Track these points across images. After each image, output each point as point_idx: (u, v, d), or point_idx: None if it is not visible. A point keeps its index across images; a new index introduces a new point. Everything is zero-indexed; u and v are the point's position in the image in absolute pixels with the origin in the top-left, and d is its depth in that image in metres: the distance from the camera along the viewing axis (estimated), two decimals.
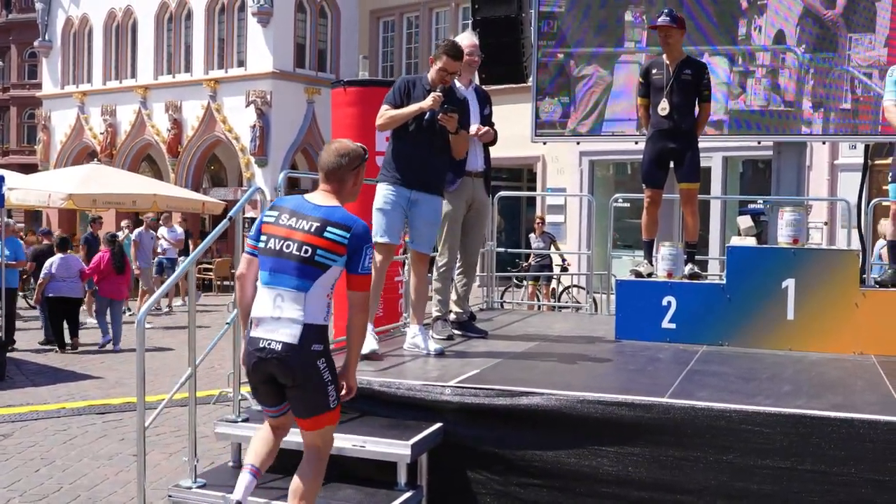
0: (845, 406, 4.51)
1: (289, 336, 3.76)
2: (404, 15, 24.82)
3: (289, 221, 3.88)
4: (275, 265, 3.85)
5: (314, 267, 3.80)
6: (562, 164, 21.30)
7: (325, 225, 3.82)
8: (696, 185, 6.85)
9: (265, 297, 3.87)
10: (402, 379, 5.05)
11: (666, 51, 6.74)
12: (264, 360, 3.80)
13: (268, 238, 3.89)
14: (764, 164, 17.31)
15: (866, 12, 8.27)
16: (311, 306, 3.80)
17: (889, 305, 6.24)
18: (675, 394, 4.71)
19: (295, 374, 3.79)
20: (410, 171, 5.81)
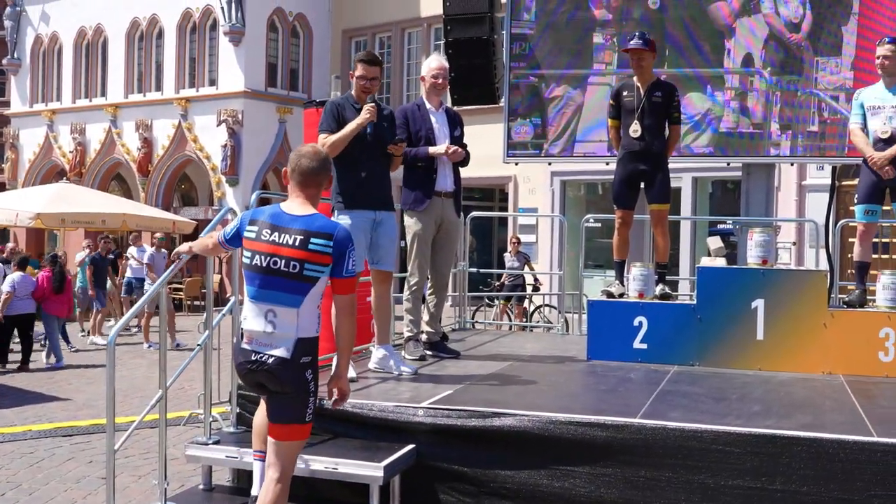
0: (814, 426, 4.55)
1: (282, 351, 3.83)
2: (376, 35, 24.89)
3: (271, 237, 3.88)
4: (263, 282, 3.87)
5: (303, 282, 3.83)
6: (533, 184, 21.39)
7: (308, 237, 3.84)
8: (667, 205, 6.91)
9: (255, 312, 3.89)
10: (375, 400, 5.04)
11: (637, 73, 6.81)
12: (254, 371, 3.87)
13: (252, 255, 3.90)
14: (733, 184, 17.46)
15: (832, 37, 8.41)
16: (303, 320, 3.86)
17: (856, 325, 6.32)
18: (646, 414, 4.73)
19: (284, 384, 3.85)
20: (371, 194, 5.87)
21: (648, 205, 6.92)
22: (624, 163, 6.88)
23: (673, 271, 16.28)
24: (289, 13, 24.99)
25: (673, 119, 6.82)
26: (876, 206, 6.56)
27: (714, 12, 8.65)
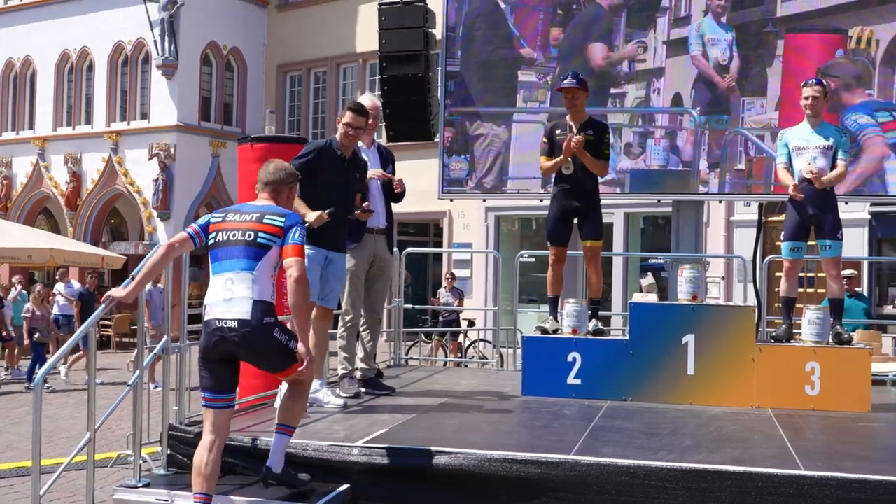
0: (743, 460, 4.63)
1: (241, 313, 4.22)
2: (312, 70, 24.90)
3: (234, 217, 4.47)
4: (223, 254, 4.38)
5: (257, 248, 4.33)
6: (468, 219, 21.50)
7: (264, 214, 4.43)
8: (600, 242, 7.00)
9: (216, 284, 4.34)
10: (309, 440, 4.98)
11: (571, 112, 6.91)
12: (223, 338, 4.22)
13: (217, 233, 4.45)
14: (664, 220, 17.77)
15: (758, 78, 8.66)
16: (258, 285, 4.28)
17: (783, 360, 6.46)
18: (580, 450, 4.77)
19: (253, 346, 4.24)
20: (328, 235, 5.92)
21: (582, 241, 7.00)
22: (558, 200, 6.96)
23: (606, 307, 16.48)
24: (223, 47, 24.88)
25: (603, 155, 6.91)
26: (801, 242, 6.74)
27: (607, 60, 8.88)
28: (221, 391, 4.36)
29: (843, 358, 6.41)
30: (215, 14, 24.42)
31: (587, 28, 9.03)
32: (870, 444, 5.50)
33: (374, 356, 6.84)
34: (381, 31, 9.11)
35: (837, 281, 6.77)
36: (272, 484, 4.48)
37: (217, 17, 24.47)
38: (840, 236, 6.64)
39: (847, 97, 8.45)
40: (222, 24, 24.63)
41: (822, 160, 6.56)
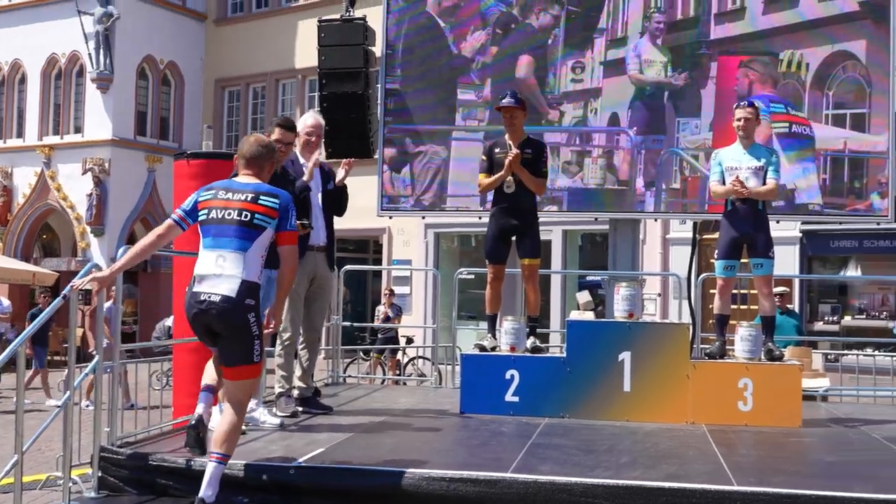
0: (679, 476, 4.68)
1: (228, 290, 4.37)
2: (250, 85, 24.73)
3: (226, 195, 4.55)
4: (217, 231, 4.49)
5: (253, 229, 4.49)
6: (407, 235, 21.50)
7: (258, 194, 4.56)
8: (538, 260, 7.04)
9: (207, 258, 4.47)
10: (244, 460, 4.92)
11: (509, 130, 6.96)
12: (204, 311, 4.38)
13: (209, 210, 4.54)
14: (602, 237, 17.96)
15: (692, 99, 8.82)
16: (248, 265, 4.45)
17: (717, 376, 6.56)
18: (518, 468, 4.78)
19: (229, 322, 4.37)
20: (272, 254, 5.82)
21: (520, 259, 7.04)
22: (496, 218, 6.99)
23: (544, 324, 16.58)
24: (160, 61, 24.59)
25: (541, 174, 6.97)
26: (734, 261, 6.86)
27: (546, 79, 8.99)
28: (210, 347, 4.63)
29: (775, 374, 6.53)
30: (152, 28, 24.13)
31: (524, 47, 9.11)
32: (800, 459, 5.60)
33: (311, 375, 6.79)
34: (321, 48, 9.08)
35: (769, 298, 6.91)
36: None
37: (154, 30, 24.18)
38: (772, 254, 6.78)
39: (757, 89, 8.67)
40: (159, 37, 24.35)
41: (753, 180, 6.70)
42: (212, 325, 4.41)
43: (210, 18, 25.53)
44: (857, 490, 4.48)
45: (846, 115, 8.67)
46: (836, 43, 8.62)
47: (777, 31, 8.69)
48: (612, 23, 8.95)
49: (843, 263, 18.30)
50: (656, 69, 8.84)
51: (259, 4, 24.89)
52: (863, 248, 17.51)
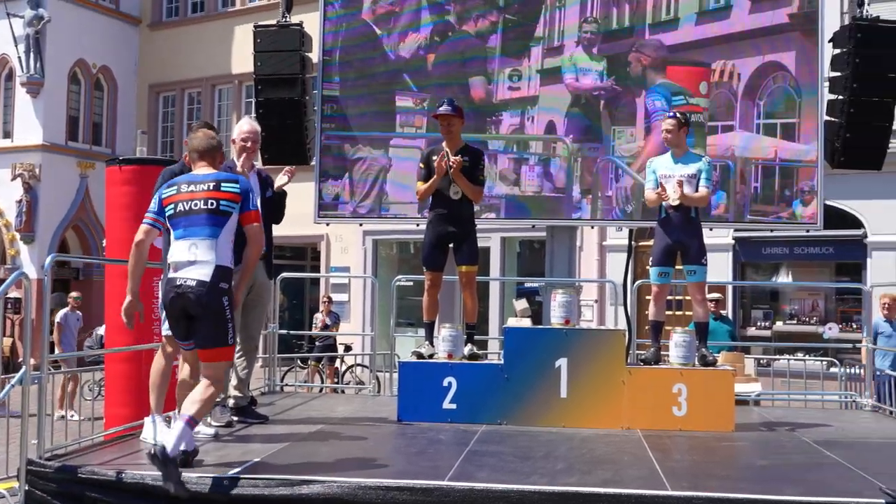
0: (614, 481, 4.72)
1: (202, 275, 4.69)
2: (185, 90, 24.40)
3: (189, 188, 4.86)
4: (186, 222, 4.80)
5: (220, 216, 4.81)
6: (346, 242, 21.39)
7: (219, 182, 4.89)
8: (475, 267, 7.05)
9: (180, 247, 4.79)
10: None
11: (447, 138, 6.96)
12: (180, 294, 4.69)
13: (175, 205, 4.84)
14: (540, 244, 18.06)
15: (627, 107, 8.93)
16: (220, 250, 4.77)
17: (652, 382, 6.64)
18: (454, 476, 4.77)
19: (204, 305, 4.68)
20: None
21: (457, 266, 7.04)
22: (434, 225, 6.99)
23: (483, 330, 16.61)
24: (92, 65, 24.13)
25: (478, 181, 6.99)
26: (668, 268, 6.95)
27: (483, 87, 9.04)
28: (184, 340, 4.94)
29: (708, 379, 6.63)
30: (84, 31, 23.66)
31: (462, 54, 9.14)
32: (733, 463, 5.69)
33: (248, 383, 6.71)
34: (257, 54, 9.00)
35: (702, 305, 7.01)
36: (158, 462, 4.45)
37: (86, 34, 23.71)
38: (705, 262, 6.89)
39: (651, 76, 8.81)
40: (91, 41, 23.89)
41: (686, 188, 6.79)
42: (188, 308, 4.72)
43: (144, 22, 25.14)
44: (788, 493, 4.56)
45: (776, 124, 8.86)
46: (767, 54, 8.81)
47: (709, 42, 8.85)
48: (549, 31, 9.02)
49: (774, 270, 18.66)
50: (592, 78, 8.92)
51: (195, 9, 24.59)
52: (794, 254, 17.88)
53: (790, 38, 8.78)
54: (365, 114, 9.28)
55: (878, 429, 7.21)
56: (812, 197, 8.69)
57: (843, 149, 8.56)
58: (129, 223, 7.53)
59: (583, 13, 8.96)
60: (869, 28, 8.48)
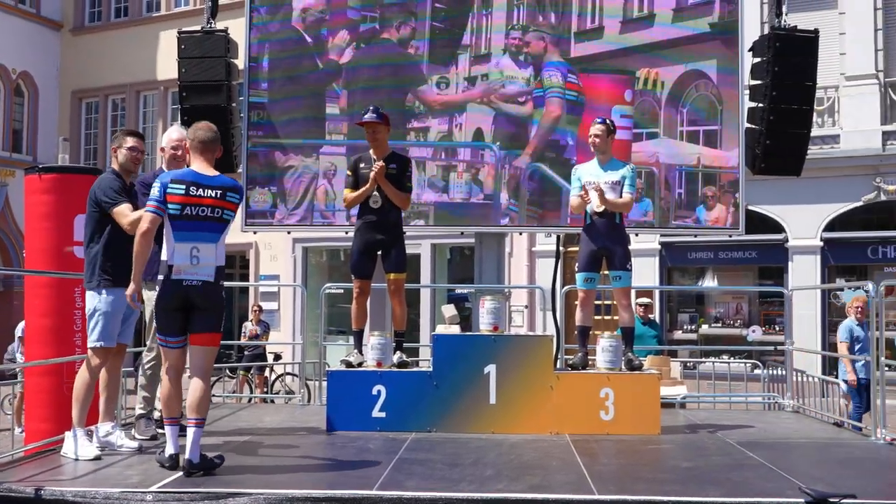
0: (542, 487, 4.75)
1: (207, 276, 5.15)
2: (109, 97, 23.95)
3: (197, 192, 5.14)
4: (192, 226, 5.12)
5: (223, 223, 5.23)
6: (275, 250, 21.22)
7: (225, 191, 5.23)
8: (403, 274, 7.04)
9: (183, 250, 5.11)
10: (99, 486, 4.73)
11: (373, 145, 6.94)
12: (187, 289, 5.09)
13: (182, 206, 5.10)
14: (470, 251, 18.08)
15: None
16: (219, 252, 5.23)
17: (580, 387, 6.70)
18: (383, 485, 4.75)
19: (208, 300, 5.15)
20: (125, 271, 5.72)
21: (385, 274, 7.02)
22: (361, 233, 6.96)
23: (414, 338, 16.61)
24: (12, 70, 23.53)
25: (405, 188, 6.99)
26: (594, 273, 7.03)
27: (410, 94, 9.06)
28: (176, 334, 5.20)
29: (635, 383, 6.72)
30: (3, 36, 23.07)
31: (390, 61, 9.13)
32: (659, 466, 5.76)
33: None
34: (181, 60, 8.86)
35: (628, 310, 7.10)
36: (193, 473, 4.94)
37: (5, 38, 23.12)
38: (629, 267, 6.98)
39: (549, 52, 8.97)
40: (11, 46, 23.31)
41: (610, 195, 6.88)
42: (194, 300, 5.11)
43: (66, 27, 24.63)
44: (711, 494, 4.65)
45: (699, 131, 9.02)
46: (689, 62, 8.97)
47: (633, 50, 8.97)
48: (476, 39, 9.06)
49: (700, 274, 19.03)
50: (518, 85, 8.98)
51: (118, 14, 24.17)
52: (718, 259, 18.27)
53: (711, 46, 8.95)
54: (293, 121, 9.19)
55: (800, 429, 7.38)
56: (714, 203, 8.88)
57: (764, 155, 8.75)
58: (49, 233, 7.37)
59: (509, 22, 9.03)
60: (787, 38, 8.69)
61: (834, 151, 17.09)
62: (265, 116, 9.19)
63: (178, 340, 5.23)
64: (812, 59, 8.70)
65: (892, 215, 16.68)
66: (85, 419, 5.67)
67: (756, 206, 16.65)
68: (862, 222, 17.28)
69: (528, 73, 8.99)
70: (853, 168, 16.93)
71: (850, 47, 17.27)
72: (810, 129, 8.93)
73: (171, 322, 5.21)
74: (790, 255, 17.53)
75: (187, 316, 5.18)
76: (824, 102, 17.20)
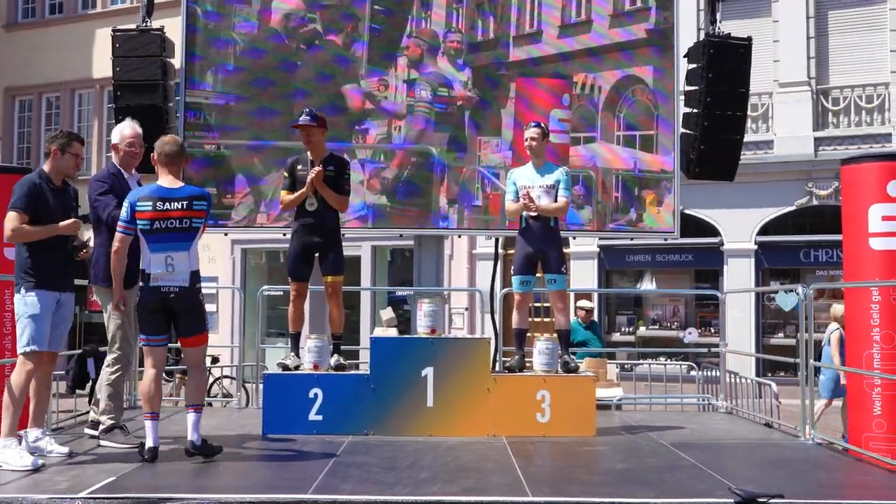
0: (477, 489, 4.77)
1: (182, 281, 5.50)
2: (43, 95, 23.44)
3: (164, 206, 5.48)
4: (163, 238, 5.46)
5: (191, 231, 5.54)
6: (213, 252, 20.94)
7: (191, 200, 5.54)
8: (341, 277, 7.01)
9: (157, 260, 5.48)
10: (27, 493, 4.64)
11: (309, 148, 6.91)
12: (163, 298, 5.48)
13: (150, 222, 5.46)
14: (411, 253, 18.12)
15: (493, 117, 9.06)
16: (191, 258, 5.56)
17: (516, 389, 6.75)
18: (318, 489, 4.73)
19: (188, 304, 5.54)
20: (59, 275, 5.73)
21: (323, 276, 6.98)
22: (298, 235, 6.92)
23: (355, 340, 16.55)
24: None
25: (343, 191, 6.95)
26: (530, 276, 7.08)
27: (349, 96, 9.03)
28: (158, 334, 5.61)
29: (570, 386, 6.79)
30: None
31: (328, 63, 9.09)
32: (594, 468, 5.81)
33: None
34: (115, 59, 8.71)
35: (564, 313, 7.16)
36: (194, 454, 5.53)
37: None
38: (564, 270, 7.04)
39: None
40: None
41: (545, 199, 6.94)
42: (173, 307, 5.52)
43: None
44: (643, 495, 4.72)
45: (636, 136, 9.14)
46: (626, 68, 9.09)
47: (571, 55, 9.07)
48: (415, 42, 9.06)
49: (638, 276, 19.26)
50: (457, 88, 9.01)
51: (53, 10, 23.68)
52: (656, 262, 18.51)
53: (647, 52, 9.08)
54: (231, 121, 9.09)
55: (731, 430, 7.51)
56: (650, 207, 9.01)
57: (698, 160, 8.90)
58: None
59: (447, 24, 9.05)
60: (721, 44, 8.85)
61: (768, 157, 17.44)
62: (202, 116, 9.08)
63: (161, 339, 5.65)
64: (745, 65, 8.87)
65: (824, 219, 17.06)
66: (16, 428, 5.54)
67: (692, 209, 16.91)
68: (795, 226, 17.65)
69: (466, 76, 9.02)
70: (786, 173, 17.29)
71: (783, 55, 17.63)
72: (744, 135, 9.10)
73: (153, 323, 5.60)
74: (725, 259, 17.83)
75: (168, 317, 5.59)
76: (758, 108, 17.55)
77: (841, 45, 17.52)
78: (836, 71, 17.55)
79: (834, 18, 17.61)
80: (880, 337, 7.06)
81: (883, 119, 17.11)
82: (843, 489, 5.33)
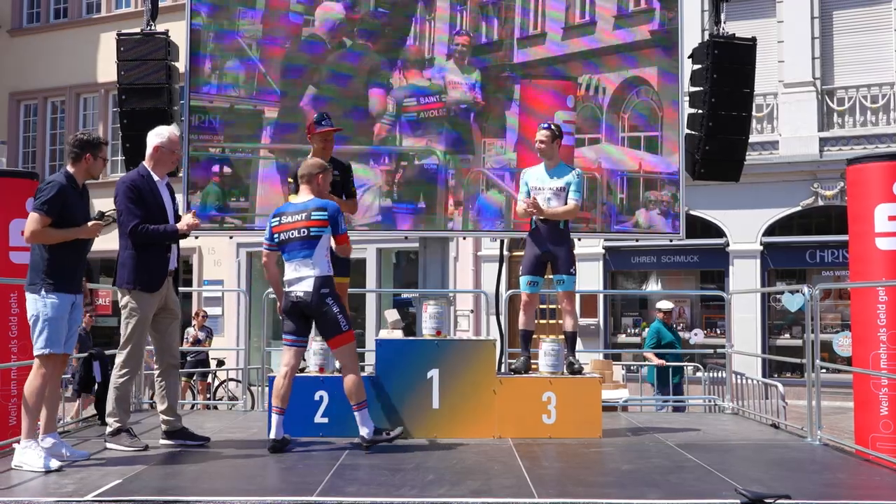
0: (483, 491, 4.76)
1: (307, 286, 6.03)
2: (48, 99, 23.51)
3: (287, 219, 6.13)
4: (289, 248, 6.11)
5: (311, 239, 6.06)
6: (219, 255, 21.01)
7: (309, 211, 6.09)
8: (347, 279, 7.01)
9: (289, 268, 6.14)
10: (34, 497, 4.64)
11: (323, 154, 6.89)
12: (295, 303, 6.06)
13: (279, 234, 6.14)
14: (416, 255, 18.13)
15: (498, 120, 9.05)
16: (316, 265, 6.05)
17: (522, 391, 6.73)
18: (324, 491, 4.73)
19: (314, 309, 6.04)
20: (75, 278, 5.73)
21: None
22: None
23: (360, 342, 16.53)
24: None
25: (350, 194, 6.97)
26: (538, 277, 7.07)
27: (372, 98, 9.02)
28: (298, 335, 6.16)
29: (576, 387, 6.77)
30: None
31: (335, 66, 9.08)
32: (600, 469, 5.80)
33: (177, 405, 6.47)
34: (120, 63, 8.72)
35: (571, 314, 7.14)
36: (368, 447, 5.98)
37: None
38: (573, 271, 7.03)
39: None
40: None
41: (555, 201, 6.93)
42: (304, 311, 6.06)
43: (4, 28, 24.12)
44: (650, 496, 4.71)
45: (640, 137, 9.13)
46: (631, 69, 9.08)
47: (576, 57, 9.06)
48: (419, 44, 9.06)
49: (644, 278, 19.25)
50: (462, 91, 9.01)
51: (57, 15, 23.74)
52: (661, 263, 18.50)
53: (652, 54, 9.07)
54: (235, 125, 9.09)
55: (737, 431, 7.50)
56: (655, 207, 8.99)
57: (703, 161, 8.89)
58: None
59: (452, 26, 9.05)
60: (725, 45, 8.84)
61: (773, 157, 17.42)
62: (206, 120, 9.08)
63: (291, 340, 6.16)
64: (750, 66, 8.87)
65: (829, 220, 17.03)
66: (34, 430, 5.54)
67: (697, 210, 16.91)
68: (801, 227, 17.63)
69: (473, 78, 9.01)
70: (792, 174, 17.26)
71: (788, 55, 17.62)
72: (748, 136, 9.09)
73: (287, 324, 6.18)
74: (731, 259, 17.81)
75: (305, 321, 6.16)
76: (763, 109, 17.52)
77: (846, 45, 17.49)
78: (841, 71, 17.53)
79: (839, 19, 17.59)
80: (887, 337, 7.05)
81: (888, 119, 17.09)
82: (850, 490, 5.31)
